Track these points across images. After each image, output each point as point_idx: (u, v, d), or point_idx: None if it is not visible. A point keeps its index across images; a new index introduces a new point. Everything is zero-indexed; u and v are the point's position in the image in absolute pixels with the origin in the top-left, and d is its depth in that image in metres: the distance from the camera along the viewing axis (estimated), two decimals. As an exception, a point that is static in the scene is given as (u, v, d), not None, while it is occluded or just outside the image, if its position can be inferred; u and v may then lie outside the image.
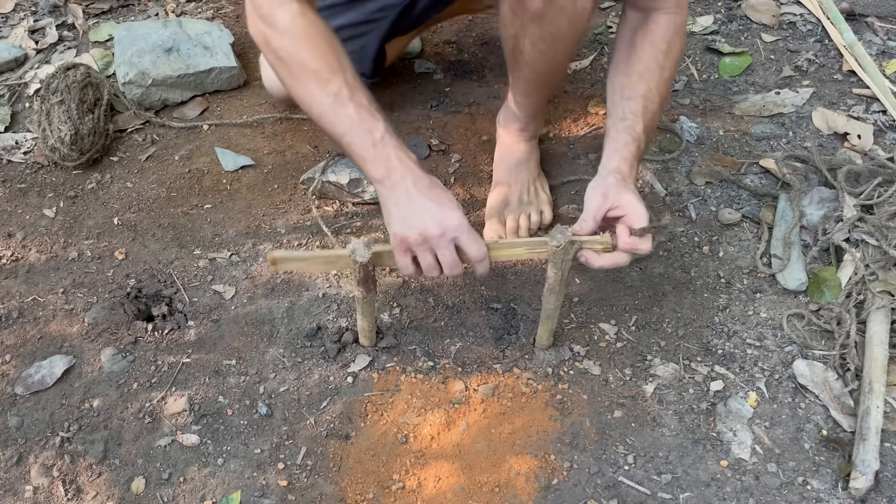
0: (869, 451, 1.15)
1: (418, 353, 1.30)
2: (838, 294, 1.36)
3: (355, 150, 1.06)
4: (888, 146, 1.63)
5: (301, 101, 1.10)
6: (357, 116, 1.05)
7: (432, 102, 1.72)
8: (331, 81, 1.05)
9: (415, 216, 1.03)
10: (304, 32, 1.06)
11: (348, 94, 1.05)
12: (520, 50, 1.27)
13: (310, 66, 1.06)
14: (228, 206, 1.51)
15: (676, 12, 1.20)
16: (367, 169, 1.07)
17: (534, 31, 1.22)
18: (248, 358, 1.29)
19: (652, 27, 1.19)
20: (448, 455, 1.18)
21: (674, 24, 1.20)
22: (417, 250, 1.06)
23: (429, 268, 1.07)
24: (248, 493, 1.14)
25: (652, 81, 1.17)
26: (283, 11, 1.06)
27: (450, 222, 1.03)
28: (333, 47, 1.07)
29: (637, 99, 1.16)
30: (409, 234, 1.04)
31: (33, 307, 1.35)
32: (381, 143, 1.04)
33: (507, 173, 1.47)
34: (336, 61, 1.06)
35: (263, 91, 1.70)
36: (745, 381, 1.27)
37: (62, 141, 1.51)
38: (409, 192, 1.04)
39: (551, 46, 1.25)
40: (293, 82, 1.09)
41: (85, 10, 1.93)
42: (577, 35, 1.26)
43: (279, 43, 1.07)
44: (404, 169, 1.05)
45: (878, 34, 1.93)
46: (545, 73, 1.32)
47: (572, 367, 1.29)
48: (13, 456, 1.17)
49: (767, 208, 1.51)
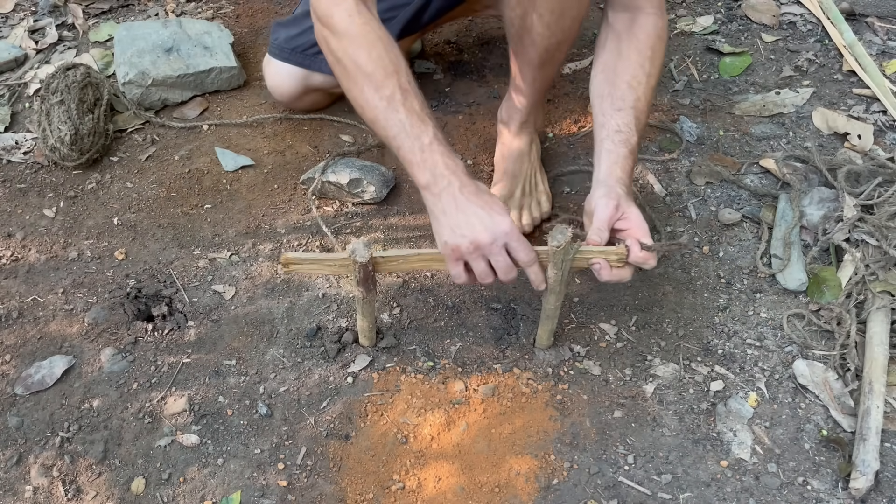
0: (869, 452, 1.15)
1: (418, 353, 1.30)
2: (838, 294, 1.36)
3: (404, 155, 1.07)
4: (888, 146, 1.63)
5: (356, 104, 1.11)
6: (407, 121, 1.05)
7: (432, 102, 1.72)
8: (385, 85, 1.06)
9: (464, 224, 1.03)
10: (360, 32, 1.07)
11: (401, 98, 1.06)
12: (527, 28, 1.27)
13: (365, 69, 1.06)
14: (228, 206, 1.51)
15: (658, 14, 1.22)
16: (414, 174, 1.07)
17: (542, 3, 1.22)
18: (248, 358, 1.29)
19: (636, 31, 1.21)
20: (448, 455, 1.18)
21: (656, 28, 1.21)
22: (470, 258, 1.05)
23: (482, 274, 1.07)
24: (248, 493, 1.14)
25: (640, 90, 1.19)
26: (339, 10, 1.08)
27: (500, 228, 1.03)
28: (388, 48, 1.08)
29: (628, 110, 1.17)
30: (461, 243, 1.03)
31: (33, 307, 1.35)
32: (429, 148, 1.05)
33: (510, 167, 1.48)
34: (391, 64, 1.07)
35: (263, 91, 1.70)
36: (745, 382, 1.27)
37: (62, 141, 1.51)
38: (457, 199, 1.03)
39: (559, 19, 1.25)
40: (350, 84, 1.10)
41: (85, 10, 1.93)
42: (584, 9, 1.26)
43: (337, 45, 1.09)
44: (451, 175, 1.04)
45: (878, 34, 1.93)
46: (551, 49, 1.31)
47: (572, 367, 1.28)
48: (13, 456, 1.17)
49: (767, 208, 1.51)
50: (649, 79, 1.20)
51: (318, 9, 1.10)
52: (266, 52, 1.61)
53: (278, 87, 1.59)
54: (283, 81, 1.57)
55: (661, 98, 1.75)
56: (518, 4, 1.25)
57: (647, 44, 1.20)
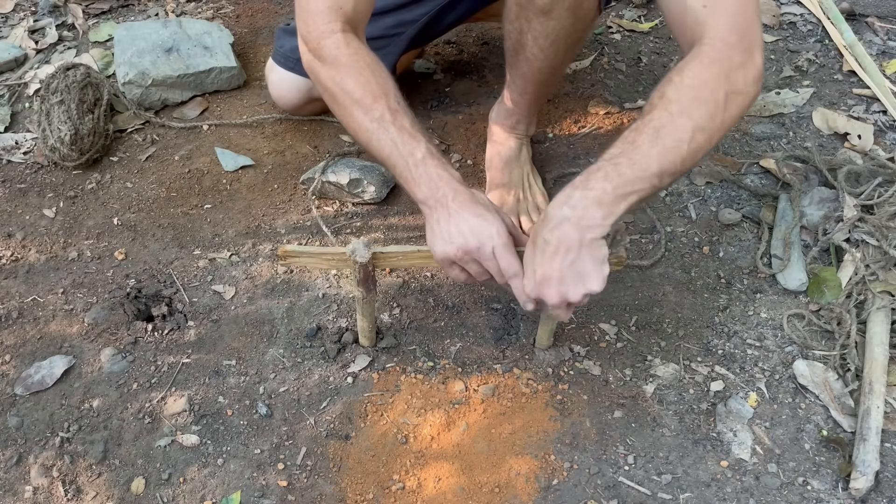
0: (869, 452, 1.15)
1: (418, 353, 1.30)
2: (838, 294, 1.36)
3: (399, 173, 1.08)
4: (888, 146, 1.63)
5: (349, 129, 1.12)
6: (399, 139, 1.06)
7: (432, 102, 1.72)
8: (374, 108, 1.07)
9: (455, 232, 1.04)
10: (349, 62, 1.09)
11: (391, 118, 1.07)
12: (522, 45, 1.28)
13: (354, 95, 1.08)
14: (228, 206, 1.51)
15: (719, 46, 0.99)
16: (411, 190, 1.08)
17: (538, 27, 1.23)
18: (248, 358, 1.29)
19: (681, 63, 1.02)
20: (448, 455, 1.18)
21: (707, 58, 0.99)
22: (461, 263, 1.06)
23: (478, 274, 1.07)
24: (248, 493, 1.14)
25: (664, 117, 0.98)
26: (328, 42, 1.10)
27: (486, 232, 1.03)
28: (377, 74, 1.10)
29: (630, 132, 1.00)
30: (449, 250, 1.04)
31: (33, 307, 1.35)
32: (422, 163, 1.06)
33: (501, 173, 1.48)
34: (379, 88, 1.09)
35: (263, 91, 1.70)
36: (745, 382, 1.27)
37: (62, 141, 1.51)
38: (449, 209, 1.04)
39: (553, 44, 1.26)
40: (341, 111, 1.12)
41: (85, 10, 1.93)
42: (580, 36, 1.26)
43: (326, 74, 1.11)
44: (445, 186, 1.05)
45: (878, 34, 1.93)
46: (544, 71, 1.33)
47: (572, 367, 1.28)
48: (13, 456, 1.17)
49: (767, 208, 1.51)
50: (672, 108, 0.99)
51: (309, 40, 1.12)
52: (268, 54, 1.61)
53: (283, 97, 1.59)
54: (288, 91, 1.57)
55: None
56: (516, 19, 1.26)
57: (678, 73, 1.00)
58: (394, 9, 1.46)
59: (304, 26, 1.12)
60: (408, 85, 1.74)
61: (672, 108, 0.98)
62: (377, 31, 1.46)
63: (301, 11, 1.13)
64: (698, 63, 1.00)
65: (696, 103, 0.98)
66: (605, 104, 1.72)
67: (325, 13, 1.10)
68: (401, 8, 1.46)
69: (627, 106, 1.72)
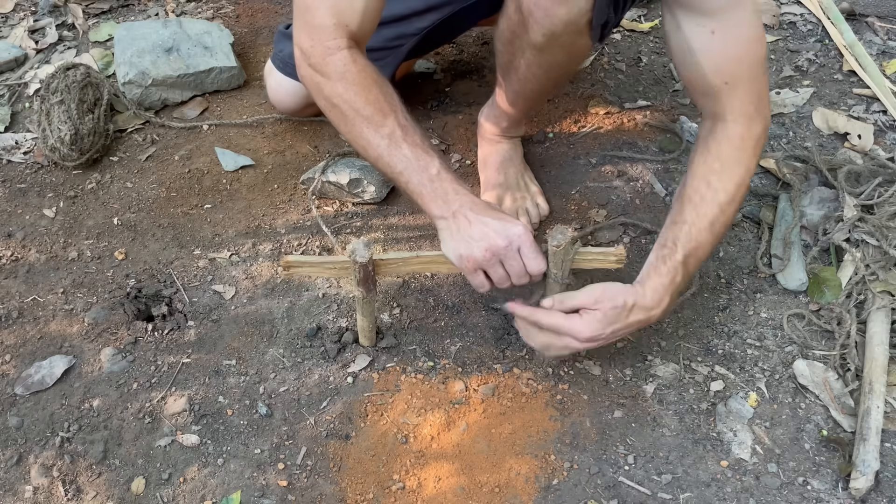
0: (869, 452, 1.15)
1: (418, 353, 1.30)
2: (838, 294, 1.36)
3: (413, 188, 1.08)
4: (888, 146, 1.63)
5: (356, 145, 1.13)
6: (412, 155, 1.07)
7: (432, 102, 1.72)
8: (384, 124, 1.08)
9: (478, 234, 1.05)
10: (356, 79, 1.09)
11: (401, 134, 1.08)
12: (514, 67, 1.30)
13: (363, 112, 1.09)
14: (228, 206, 1.51)
15: (744, 121, 1.13)
16: (426, 206, 1.08)
17: (531, 58, 1.24)
18: (248, 358, 1.29)
19: (710, 142, 1.15)
20: (448, 455, 1.18)
21: (738, 138, 1.13)
22: (487, 266, 1.06)
23: (501, 279, 1.08)
24: (248, 493, 1.14)
25: (702, 205, 1.12)
26: (334, 59, 1.10)
27: (513, 231, 1.04)
28: (384, 90, 1.10)
29: (681, 224, 1.12)
30: (475, 252, 1.05)
31: (33, 307, 1.35)
32: (438, 178, 1.06)
33: (495, 174, 1.48)
34: (387, 104, 1.09)
35: (263, 91, 1.70)
36: (745, 382, 1.27)
37: (62, 141, 1.51)
38: (468, 216, 1.05)
39: (546, 73, 1.28)
40: (348, 128, 1.12)
41: (85, 10, 1.93)
42: (572, 68, 1.28)
43: (332, 90, 1.11)
44: (462, 197, 1.06)
45: (878, 34, 1.93)
46: (535, 91, 1.35)
47: (572, 367, 1.28)
48: (13, 456, 1.17)
49: (767, 208, 1.51)
50: (715, 193, 1.12)
51: (312, 55, 1.11)
52: (268, 54, 1.61)
53: (281, 101, 1.59)
54: (286, 95, 1.57)
55: (661, 98, 1.75)
56: (509, 43, 1.26)
57: (716, 155, 1.13)
58: (394, 21, 1.45)
59: (308, 40, 1.11)
60: (408, 85, 1.74)
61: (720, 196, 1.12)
62: (377, 43, 1.45)
63: (304, 25, 1.12)
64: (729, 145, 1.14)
65: (738, 188, 1.13)
66: (605, 104, 1.72)
67: (331, 29, 1.09)
68: (401, 20, 1.45)
69: (627, 106, 1.72)
